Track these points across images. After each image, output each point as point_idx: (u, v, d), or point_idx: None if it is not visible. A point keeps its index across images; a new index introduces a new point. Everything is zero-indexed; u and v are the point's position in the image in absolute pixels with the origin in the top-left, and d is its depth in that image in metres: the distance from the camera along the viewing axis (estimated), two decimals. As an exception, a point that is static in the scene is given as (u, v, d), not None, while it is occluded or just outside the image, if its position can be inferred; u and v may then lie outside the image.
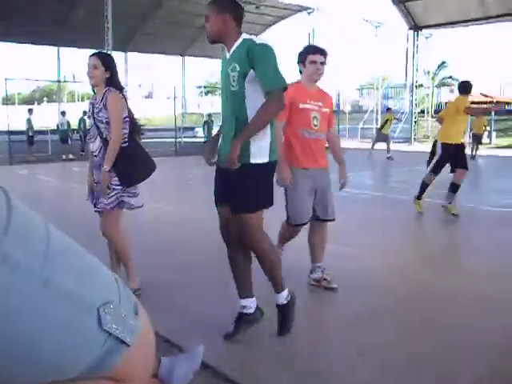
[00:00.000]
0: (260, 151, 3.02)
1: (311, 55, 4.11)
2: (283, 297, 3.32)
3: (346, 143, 26.04)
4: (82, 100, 53.34)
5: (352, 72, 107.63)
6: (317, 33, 27.66)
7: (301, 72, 4.20)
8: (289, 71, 4.10)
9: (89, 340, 0.67)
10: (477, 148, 18.98)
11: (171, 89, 21.22)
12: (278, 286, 3.30)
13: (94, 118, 3.81)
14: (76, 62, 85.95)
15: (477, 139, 19.36)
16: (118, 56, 26.65)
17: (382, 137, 18.58)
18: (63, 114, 20.54)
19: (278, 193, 3.72)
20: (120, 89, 3.88)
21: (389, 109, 20.33)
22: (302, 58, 4.15)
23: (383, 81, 34.52)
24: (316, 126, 4.14)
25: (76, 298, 0.66)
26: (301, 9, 28.08)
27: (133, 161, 3.81)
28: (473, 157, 17.50)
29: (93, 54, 3.87)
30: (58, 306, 0.64)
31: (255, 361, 3.05)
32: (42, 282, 0.64)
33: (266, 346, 3.22)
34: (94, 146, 3.84)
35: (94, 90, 3.95)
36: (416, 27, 26.53)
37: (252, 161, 3.01)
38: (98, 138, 3.80)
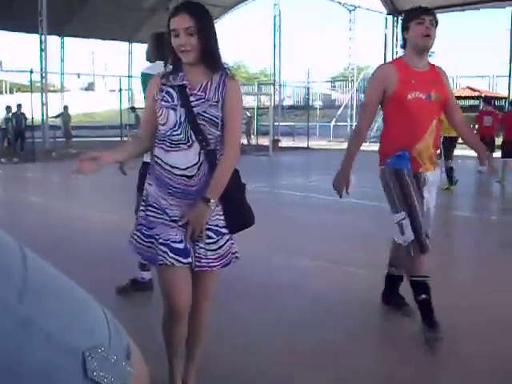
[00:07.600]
0: None
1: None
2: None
3: (316, 142, 24.22)
4: (11, 92, 48.92)
5: (324, 62, 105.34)
6: (284, 17, 25.99)
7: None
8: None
9: None
10: None
11: (116, 80, 19.20)
12: None
13: (188, 112, 2.42)
14: (5, 46, 79.68)
15: None
16: (53, 41, 24.05)
17: None
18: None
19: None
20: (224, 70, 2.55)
21: None
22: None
23: (359, 72, 32.91)
24: None
25: (57, 341, 0.60)
26: (265, -11, 26.21)
27: (243, 192, 2.63)
28: None
29: (181, 8, 2.40)
30: (35, 350, 0.59)
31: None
32: (18, 321, 0.58)
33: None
34: (183, 157, 2.45)
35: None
36: (395, 11, 25.62)
37: None
38: (196, 145, 2.44)
